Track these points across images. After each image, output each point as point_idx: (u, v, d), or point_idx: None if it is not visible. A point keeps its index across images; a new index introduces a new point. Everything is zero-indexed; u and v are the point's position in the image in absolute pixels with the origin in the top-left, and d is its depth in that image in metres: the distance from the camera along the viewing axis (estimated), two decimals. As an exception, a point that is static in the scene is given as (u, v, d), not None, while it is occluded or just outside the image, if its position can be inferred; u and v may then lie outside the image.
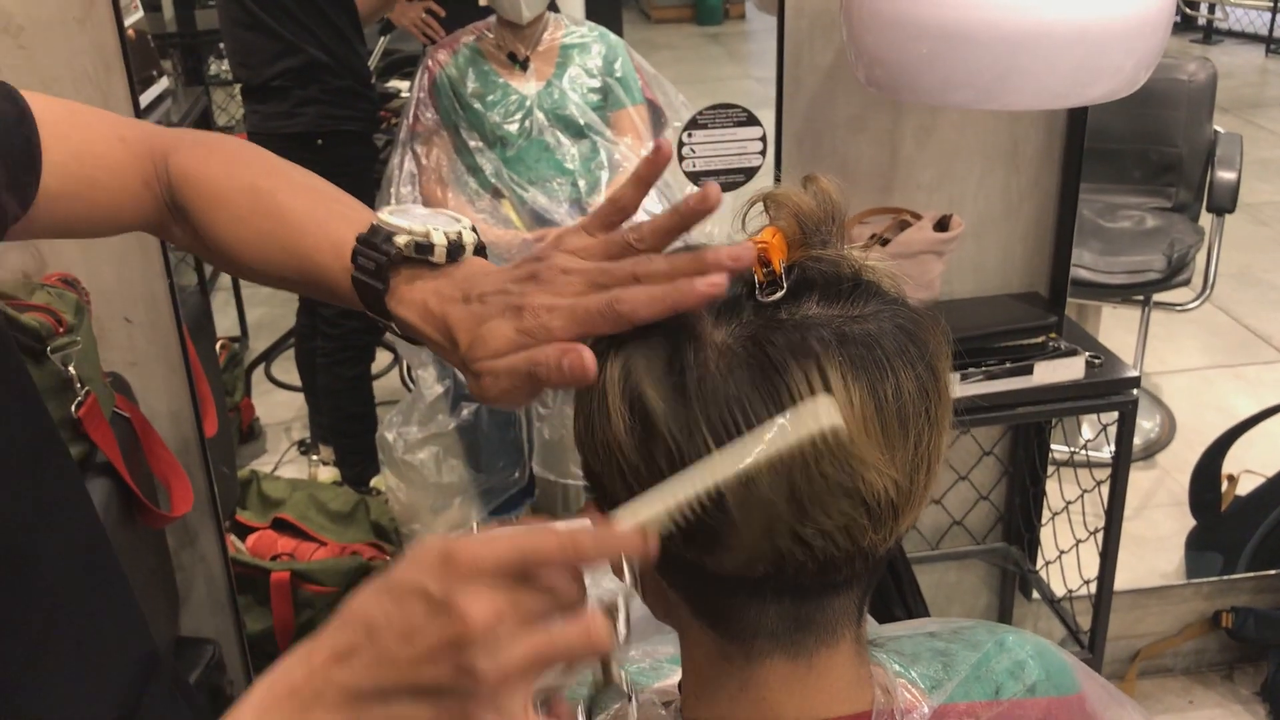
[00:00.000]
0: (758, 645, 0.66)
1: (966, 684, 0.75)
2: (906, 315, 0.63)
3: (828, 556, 0.61)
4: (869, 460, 0.60)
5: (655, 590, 0.68)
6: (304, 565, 2.28)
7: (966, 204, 1.87)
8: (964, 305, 1.83)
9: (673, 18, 6.60)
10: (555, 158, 2.40)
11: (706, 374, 0.60)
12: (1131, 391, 1.70)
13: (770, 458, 0.57)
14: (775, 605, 0.64)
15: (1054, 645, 0.84)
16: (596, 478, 0.66)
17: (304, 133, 2.44)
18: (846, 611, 0.66)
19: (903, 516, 0.63)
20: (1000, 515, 2.11)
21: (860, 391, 0.59)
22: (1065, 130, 1.83)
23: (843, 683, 0.68)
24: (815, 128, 1.80)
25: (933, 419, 0.62)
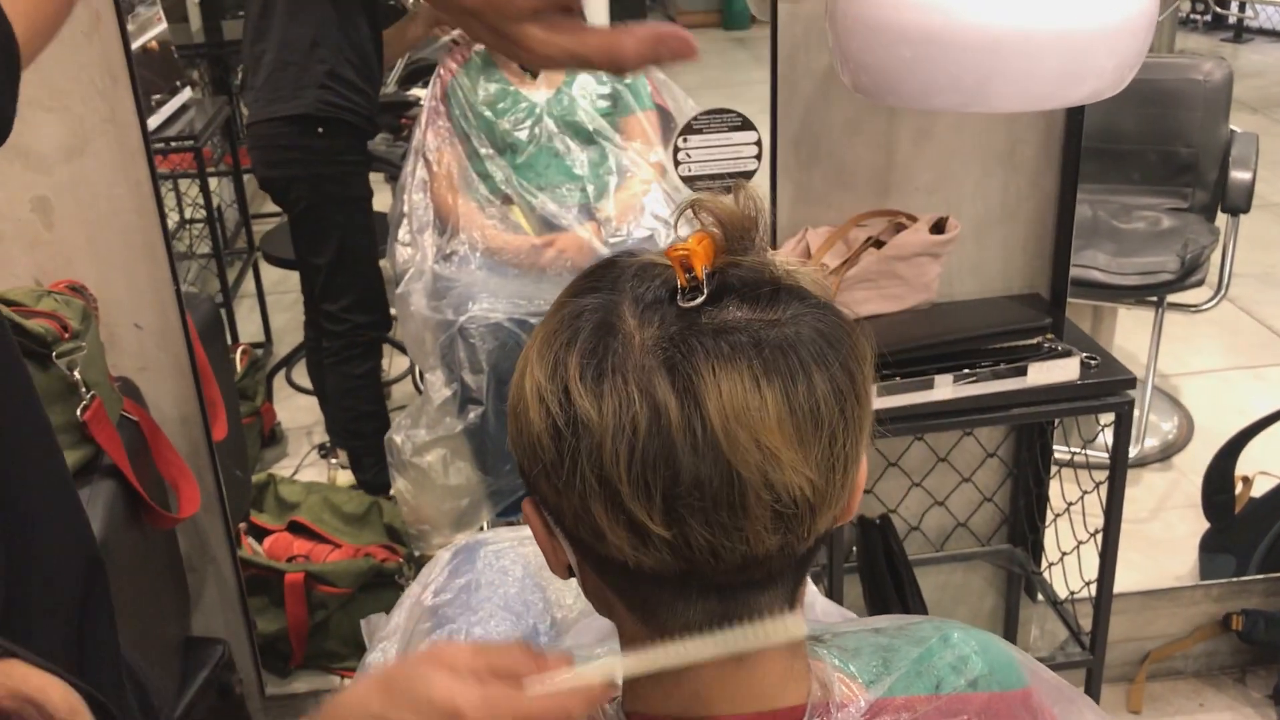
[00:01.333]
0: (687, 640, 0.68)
1: (907, 679, 0.76)
2: (826, 320, 0.65)
3: (745, 555, 0.63)
4: (783, 460, 0.61)
5: (593, 585, 0.71)
6: (318, 567, 2.32)
7: (965, 206, 1.87)
8: (962, 307, 1.84)
9: (699, 23, 6.62)
10: (564, 164, 2.43)
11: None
12: (1128, 393, 1.70)
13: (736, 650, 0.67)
14: (701, 601, 0.66)
15: (1002, 642, 0.85)
16: (527, 476, 0.68)
17: (303, 115, 2.43)
18: (773, 608, 0.68)
19: (820, 515, 0.64)
20: (1005, 517, 2.11)
21: (773, 393, 0.61)
22: (1063, 131, 1.83)
23: (775, 677, 0.70)
24: (812, 131, 1.81)
25: (849, 420, 0.64)
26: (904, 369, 1.67)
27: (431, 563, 1.44)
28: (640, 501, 0.61)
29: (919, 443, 2.01)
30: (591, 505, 0.63)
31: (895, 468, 2.02)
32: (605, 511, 0.62)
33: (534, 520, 0.69)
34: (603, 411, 0.61)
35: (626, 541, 0.63)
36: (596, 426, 0.61)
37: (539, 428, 0.64)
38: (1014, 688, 0.80)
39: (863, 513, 2.05)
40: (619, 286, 0.66)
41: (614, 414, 0.61)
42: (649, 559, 0.63)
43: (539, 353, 0.66)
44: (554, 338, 0.65)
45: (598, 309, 0.65)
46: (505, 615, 1.33)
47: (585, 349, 0.63)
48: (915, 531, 2.09)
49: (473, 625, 1.32)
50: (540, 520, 0.69)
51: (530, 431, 0.65)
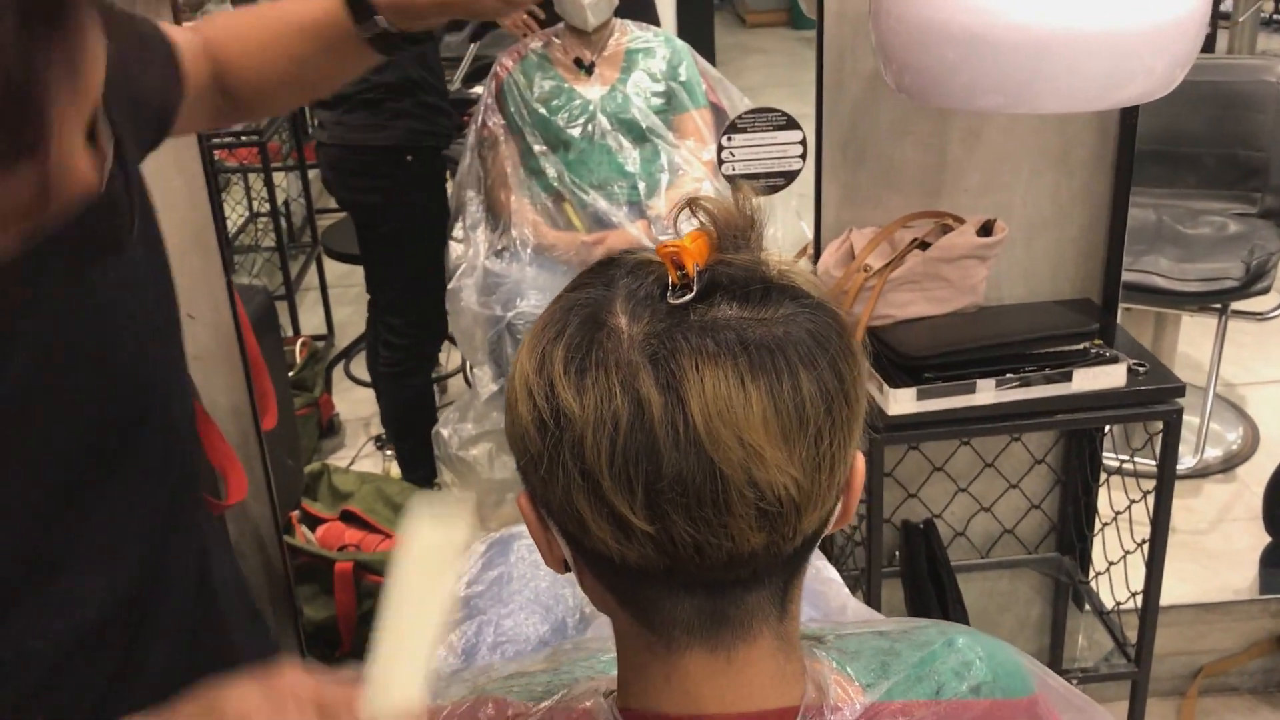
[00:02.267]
0: (677, 637, 0.68)
1: (907, 683, 0.75)
2: (817, 320, 0.65)
3: (730, 552, 0.63)
4: (767, 458, 0.61)
5: (588, 581, 0.71)
6: (368, 556, 2.35)
7: (1015, 208, 1.85)
8: (1009, 311, 1.81)
9: (767, 22, 6.61)
10: (617, 161, 2.44)
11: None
12: (1176, 401, 1.67)
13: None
14: (689, 599, 0.66)
15: (1011, 649, 0.84)
16: (520, 468, 0.68)
17: (395, 146, 2.50)
18: (762, 608, 0.68)
19: (805, 515, 0.64)
20: (1053, 524, 2.08)
21: (758, 391, 0.61)
22: (1117, 132, 1.80)
23: (765, 677, 0.70)
24: (859, 133, 1.80)
25: (837, 420, 0.64)
26: (945, 372, 1.65)
27: (465, 554, 1.46)
28: (622, 495, 0.61)
29: (965, 447, 1.98)
30: (575, 497, 0.63)
31: (941, 472, 2.00)
32: (589, 504, 0.63)
33: (528, 514, 0.70)
34: (584, 404, 0.62)
35: (610, 535, 0.63)
36: (579, 419, 0.62)
37: (526, 420, 0.64)
38: (1019, 695, 0.79)
39: (906, 517, 2.03)
40: (613, 282, 0.67)
41: (595, 407, 0.61)
42: (633, 553, 0.64)
43: (529, 346, 0.66)
44: (544, 331, 0.66)
45: (588, 304, 0.65)
46: (535, 608, 1.34)
47: (572, 343, 0.64)
48: (960, 537, 2.06)
49: (502, 617, 1.34)
50: (534, 514, 0.69)
51: (519, 423, 0.65)
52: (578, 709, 0.75)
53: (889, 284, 1.73)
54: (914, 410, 1.64)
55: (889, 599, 1.96)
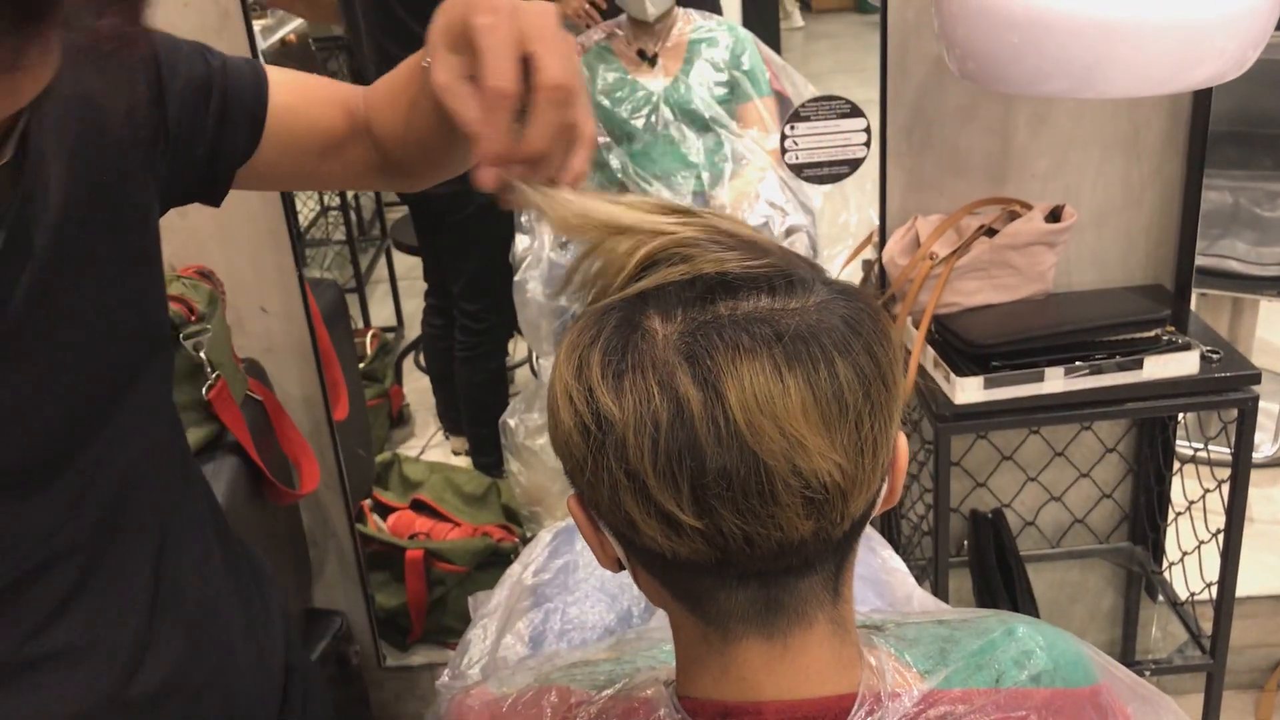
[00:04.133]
0: (733, 627, 0.69)
1: (966, 670, 0.76)
2: (849, 305, 0.65)
3: (780, 541, 0.64)
4: (809, 446, 0.62)
5: (642, 578, 0.72)
6: (437, 544, 2.39)
7: (1084, 194, 1.82)
8: (1079, 298, 1.79)
9: (834, 7, 6.55)
10: (680, 151, 2.44)
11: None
12: (1251, 388, 1.63)
13: None
14: (742, 589, 0.67)
15: (1073, 638, 0.83)
16: (569, 474, 0.69)
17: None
18: (815, 593, 0.68)
19: (852, 500, 0.65)
20: (1125, 514, 2.05)
21: (795, 381, 0.62)
22: (1189, 115, 1.76)
23: (821, 663, 0.70)
24: (925, 118, 1.78)
25: (875, 403, 0.64)
26: (1013, 360, 1.63)
27: (533, 543, 1.48)
28: (669, 494, 0.62)
29: (1034, 436, 1.96)
30: (623, 499, 0.64)
31: (1010, 461, 1.98)
32: (636, 504, 0.64)
33: (579, 516, 0.71)
34: (624, 407, 0.62)
35: (660, 533, 0.64)
36: (620, 422, 0.62)
37: (569, 426, 0.65)
38: (1081, 685, 0.79)
39: (975, 506, 2.01)
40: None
41: (635, 409, 0.62)
42: (684, 549, 0.64)
43: (566, 352, 0.67)
44: (580, 336, 0.67)
45: (622, 306, 0.66)
46: (601, 596, 1.35)
47: (608, 346, 0.64)
48: (1030, 527, 2.04)
49: (569, 605, 1.35)
50: (585, 516, 0.70)
51: (562, 430, 0.66)
52: (638, 697, 0.76)
53: (955, 272, 1.71)
54: (981, 399, 1.63)
55: (957, 589, 1.95)
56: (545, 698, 0.81)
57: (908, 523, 2.04)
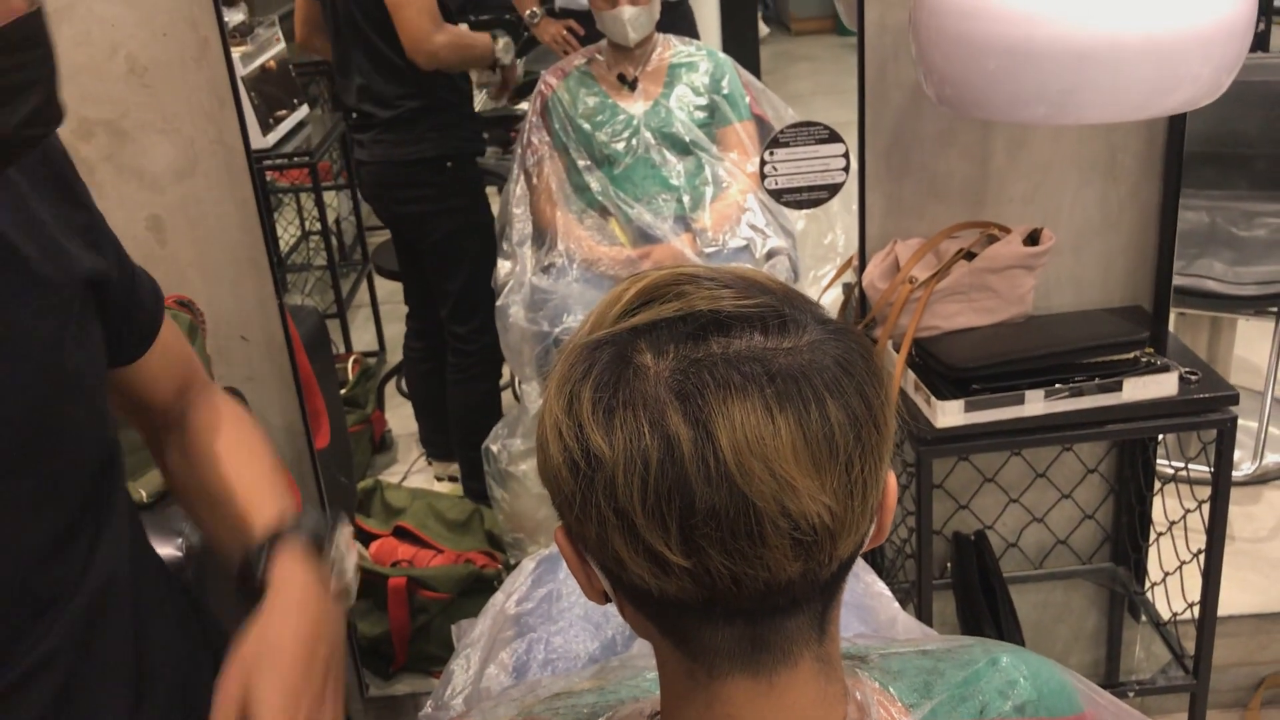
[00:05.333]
0: (718, 665, 0.68)
1: (950, 703, 0.75)
2: (841, 345, 0.65)
3: (767, 582, 0.64)
4: (799, 488, 0.62)
5: (628, 612, 0.71)
6: (420, 572, 2.38)
7: (1062, 216, 1.83)
8: (1058, 320, 1.80)
9: (813, 29, 6.60)
10: (661, 175, 2.45)
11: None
12: (1230, 409, 1.64)
13: None
14: (729, 628, 0.66)
15: (1058, 667, 0.83)
16: (557, 508, 0.69)
17: (434, 156, 2.53)
18: (802, 632, 0.68)
19: (841, 541, 0.64)
20: (1107, 534, 2.06)
21: (786, 422, 0.61)
22: (1165, 138, 1.78)
23: (808, 700, 0.70)
24: (903, 143, 1.79)
25: (866, 446, 0.64)
26: (993, 384, 1.64)
27: (516, 572, 1.47)
28: (657, 533, 0.62)
29: (1016, 458, 1.97)
30: (610, 536, 0.64)
31: (992, 483, 1.99)
32: (624, 542, 0.63)
33: (566, 549, 0.70)
34: (614, 445, 0.62)
35: (648, 571, 0.64)
36: (609, 460, 0.62)
37: (558, 461, 0.65)
38: (1065, 714, 0.79)
39: (957, 529, 2.02)
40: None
41: (625, 447, 0.62)
42: (671, 587, 0.64)
43: (557, 386, 0.67)
44: (571, 370, 0.66)
45: (613, 341, 0.66)
46: (585, 625, 1.35)
47: (599, 382, 0.64)
48: (1013, 548, 2.05)
49: (553, 635, 1.34)
50: (572, 549, 0.70)
51: (551, 464, 0.66)
52: (622, 730, 0.76)
53: (935, 295, 1.72)
54: (962, 422, 1.63)
55: (940, 611, 1.95)
56: (528, 732, 0.80)
57: (891, 545, 2.04)
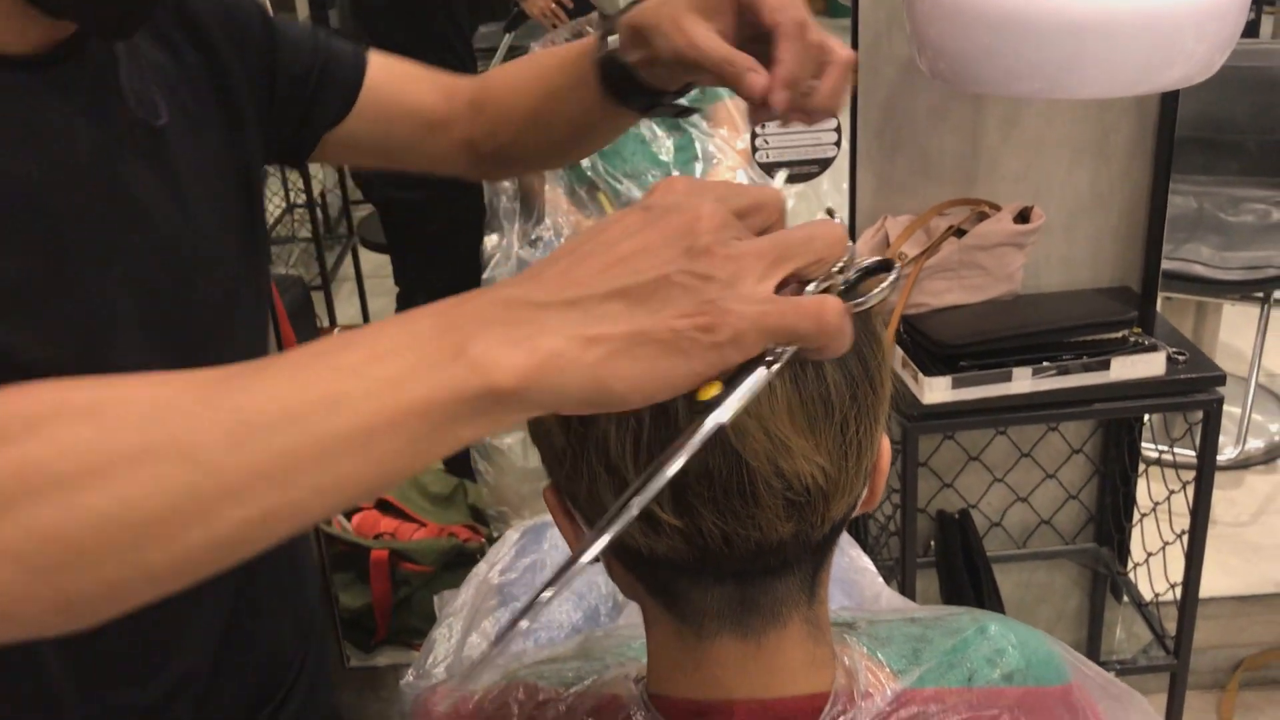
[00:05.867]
0: (707, 625, 0.68)
1: (939, 670, 0.75)
2: None
3: (758, 542, 0.63)
4: (793, 448, 0.61)
5: (617, 571, 0.71)
6: (402, 545, 2.37)
7: (1053, 196, 1.83)
8: (1046, 299, 1.79)
9: (804, 10, 6.58)
10: (650, 150, 2.43)
11: None
12: (1216, 390, 1.65)
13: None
14: (718, 588, 0.66)
15: (1045, 637, 0.83)
16: (547, 465, 0.68)
17: None
18: (791, 594, 0.67)
19: (834, 502, 0.64)
20: (1091, 515, 2.06)
21: (781, 382, 0.60)
22: (1157, 119, 1.77)
23: (796, 663, 0.69)
24: (895, 120, 1.78)
25: (862, 406, 0.63)
26: (981, 360, 1.63)
27: (499, 542, 1.47)
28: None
29: (1001, 437, 1.97)
30: (601, 493, 0.63)
31: (976, 462, 1.99)
32: (615, 500, 0.62)
33: (555, 507, 0.69)
34: None
35: (638, 529, 0.63)
36: (602, 416, 0.61)
37: (549, 417, 0.64)
38: (1053, 684, 0.79)
39: (942, 507, 2.02)
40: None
41: None
42: (661, 546, 0.63)
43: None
44: None
45: None
46: (568, 595, 1.34)
47: None
48: (997, 528, 2.05)
49: (536, 604, 1.34)
50: (561, 506, 0.69)
51: (543, 420, 0.65)
52: (607, 695, 0.75)
53: (924, 272, 1.72)
54: (949, 399, 1.63)
55: (924, 589, 1.95)
56: (512, 695, 0.79)
57: (875, 523, 2.04)
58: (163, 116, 0.80)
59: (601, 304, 0.48)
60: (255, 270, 0.93)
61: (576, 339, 0.48)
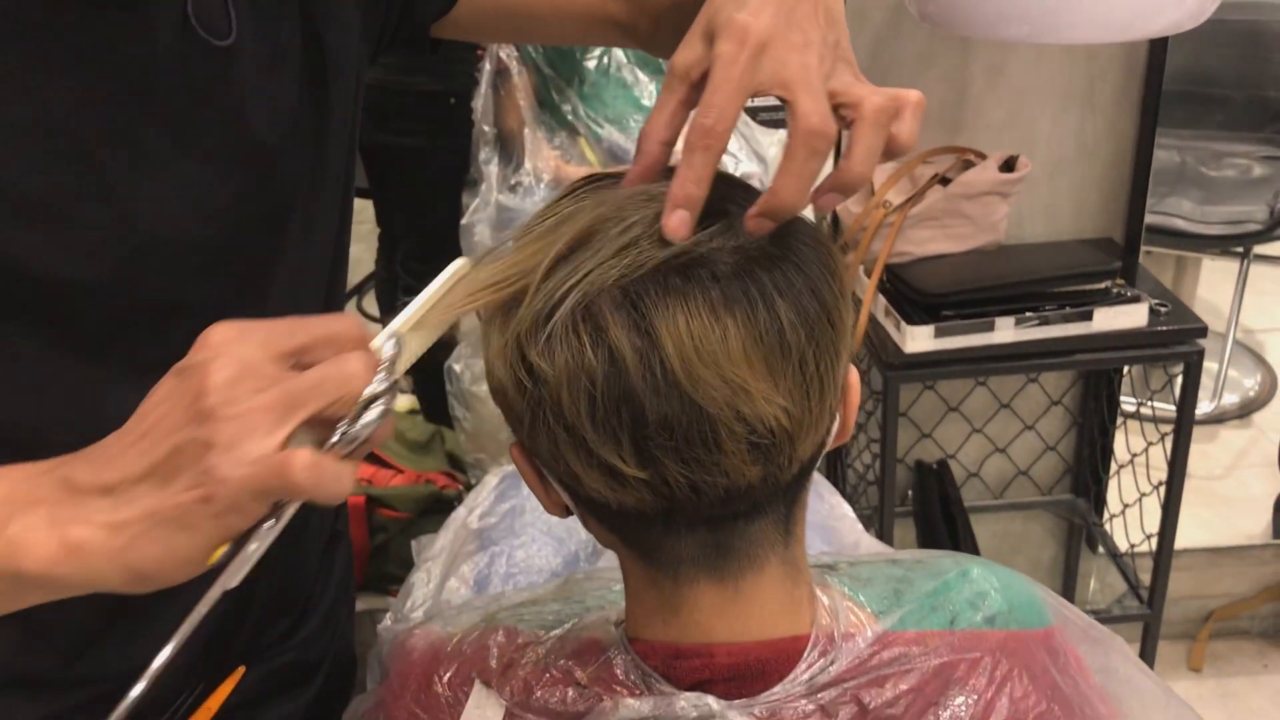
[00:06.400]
0: (683, 571, 0.67)
1: (920, 611, 0.74)
2: (791, 240, 0.63)
3: (726, 488, 0.62)
4: (752, 391, 0.59)
5: (591, 524, 0.70)
6: (380, 491, 2.36)
7: (1039, 145, 1.81)
8: (1030, 249, 1.79)
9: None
10: (633, 95, 2.40)
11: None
12: (1198, 342, 1.65)
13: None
14: (691, 535, 0.65)
15: (1027, 580, 0.83)
16: (510, 425, 0.67)
17: (443, 90, 2.46)
18: (766, 536, 0.66)
19: (800, 442, 0.63)
20: (1068, 467, 2.07)
21: (734, 324, 0.59)
22: (1145, 69, 1.76)
23: (774, 605, 0.69)
24: (881, 65, 1.76)
25: (821, 343, 0.62)
26: (964, 310, 1.63)
27: (478, 487, 1.46)
28: (609, 446, 0.60)
29: (981, 388, 1.97)
30: (563, 452, 0.62)
31: (955, 413, 1.99)
32: (578, 458, 0.61)
33: (522, 464, 0.68)
34: (555, 362, 0.59)
35: (604, 484, 0.62)
36: (552, 380, 0.60)
37: (504, 379, 0.63)
38: (1034, 627, 0.78)
39: (920, 457, 2.02)
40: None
41: (567, 365, 0.59)
42: (629, 499, 0.62)
43: (496, 311, 0.64)
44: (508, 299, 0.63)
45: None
46: (548, 540, 1.34)
47: (535, 301, 0.61)
48: (974, 478, 2.05)
49: (515, 549, 1.33)
50: (529, 464, 0.68)
51: (499, 385, 0.64)
52: (587, 639, 0.75)
53: (909, 220, 1.70)
54: (931, 348, 1.62)
55: (901, 538, 1.96)
56: (492, 637, 0.79)
57: (854, 472, 2.04)
58: (231, 35, 0.75)
59: (133, 486, 0.51)
60: (323, 189, 0.86)
61: (104, 526, 0.50)
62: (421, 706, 0.78)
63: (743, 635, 0.68)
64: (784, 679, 0.68)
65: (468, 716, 0.75)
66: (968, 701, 0.71)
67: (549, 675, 0.73)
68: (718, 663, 0.67)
